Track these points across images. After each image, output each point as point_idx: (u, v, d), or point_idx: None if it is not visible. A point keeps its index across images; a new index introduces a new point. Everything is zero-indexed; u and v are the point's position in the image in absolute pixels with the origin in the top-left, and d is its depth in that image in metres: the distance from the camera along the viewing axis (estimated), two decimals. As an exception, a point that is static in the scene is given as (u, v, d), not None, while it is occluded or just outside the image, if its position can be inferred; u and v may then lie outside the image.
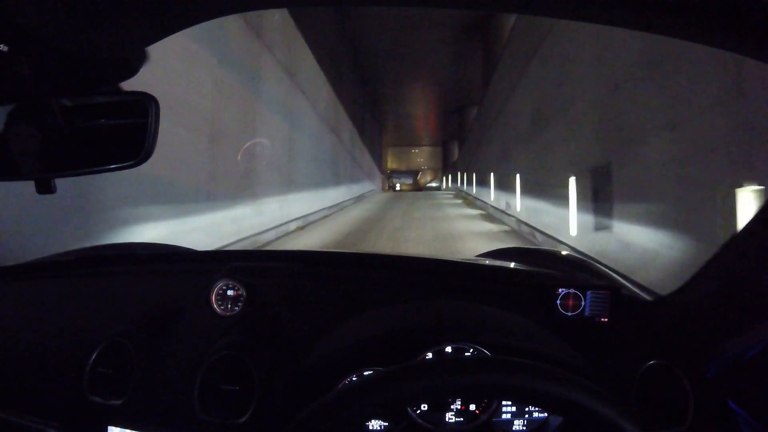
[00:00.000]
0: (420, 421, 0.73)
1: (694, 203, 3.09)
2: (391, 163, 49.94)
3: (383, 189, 38.25)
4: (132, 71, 0.53)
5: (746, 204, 2.69)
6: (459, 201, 17.03)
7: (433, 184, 53.64)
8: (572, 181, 5.39)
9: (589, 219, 4.84)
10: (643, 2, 0.41)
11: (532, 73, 7.97)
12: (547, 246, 5.65)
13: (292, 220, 8.29)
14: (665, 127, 3.41)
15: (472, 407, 0.75)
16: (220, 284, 0.87)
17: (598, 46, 4.79)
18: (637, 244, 3.70)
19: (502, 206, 10.21)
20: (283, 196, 8.13)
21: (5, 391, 0.85)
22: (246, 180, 6.50)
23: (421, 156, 51.04)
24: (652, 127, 3.59)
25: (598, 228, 4.62)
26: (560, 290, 0.82)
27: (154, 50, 0.51)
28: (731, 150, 2.87)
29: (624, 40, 4.01)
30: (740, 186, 2.70)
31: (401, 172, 53.45)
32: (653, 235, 3.50)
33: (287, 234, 7.74)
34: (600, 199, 4.60)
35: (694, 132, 3.12)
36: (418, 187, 53.81)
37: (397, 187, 51.82)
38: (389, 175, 52.35)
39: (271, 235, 6.90)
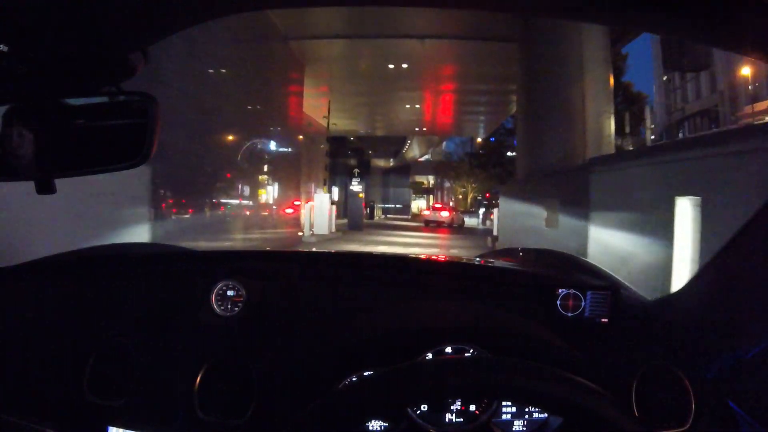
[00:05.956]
0: (420, 421, 0.73)
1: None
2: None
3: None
4: (132, 71, 0.53)
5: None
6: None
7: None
8: None
9: None
10: (644, 2, 0.41)
11: None
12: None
13: None
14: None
15: (472, 407, 0.75)
16: (220, 284, 0.87)
17: None
18: None
19: None
20: None
21: (5, 392, 0.85)
22: None
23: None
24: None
25: None
26: (560, 290, 0.82)
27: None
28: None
29: None
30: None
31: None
32: None
33: None
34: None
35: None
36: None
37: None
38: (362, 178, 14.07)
39: None
